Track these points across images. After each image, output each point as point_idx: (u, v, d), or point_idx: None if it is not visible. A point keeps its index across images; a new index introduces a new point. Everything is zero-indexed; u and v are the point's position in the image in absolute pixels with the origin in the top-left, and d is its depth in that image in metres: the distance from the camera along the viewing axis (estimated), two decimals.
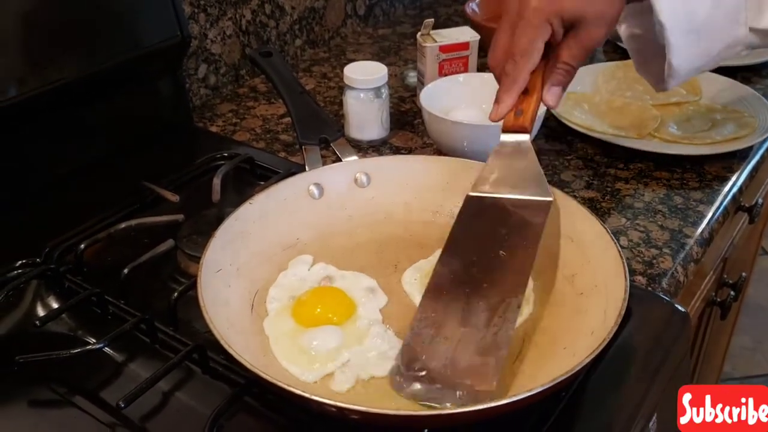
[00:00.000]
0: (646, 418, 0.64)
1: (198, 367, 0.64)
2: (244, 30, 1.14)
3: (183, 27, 0.93)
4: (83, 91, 0.86)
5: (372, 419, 0.51)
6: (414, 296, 0.67)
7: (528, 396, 0.50)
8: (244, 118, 1.07)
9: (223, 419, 0.58)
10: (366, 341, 0.62)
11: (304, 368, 0.60)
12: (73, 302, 0.69)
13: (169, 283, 0.74)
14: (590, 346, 0.54)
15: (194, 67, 1.08)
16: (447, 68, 1.04)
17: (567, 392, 0.61)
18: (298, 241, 0.73)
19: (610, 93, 1.07)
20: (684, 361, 0.71)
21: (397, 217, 0.76)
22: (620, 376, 0.64)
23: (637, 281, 0.74)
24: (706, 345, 1.32)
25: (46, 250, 0.76)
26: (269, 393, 0.60)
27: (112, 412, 0.61)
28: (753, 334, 2.09)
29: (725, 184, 0.90)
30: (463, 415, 0.50)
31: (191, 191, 0.87)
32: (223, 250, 0.65)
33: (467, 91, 0.97)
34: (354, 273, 0.70)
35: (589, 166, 0.93)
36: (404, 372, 0.57)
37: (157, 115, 0.99)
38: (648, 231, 0.82)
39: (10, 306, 0.71)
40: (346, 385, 0.59)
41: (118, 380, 0.65)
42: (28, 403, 0.63)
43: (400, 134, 1.02)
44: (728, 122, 0.99)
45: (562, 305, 0.65)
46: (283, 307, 0.65)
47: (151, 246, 0.74)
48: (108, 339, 0.64)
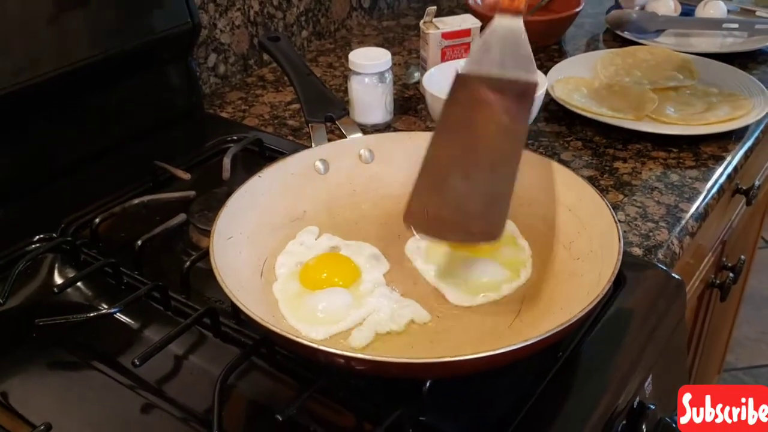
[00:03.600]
0: (641, 379, 0.66)
1: (209, 331, 0.67)
2: (253, 21, 1.17)
3: (193, 14, 0.96)
4: (97, 75, 0.89)
5: (377, 368, 0.53)
6: (417, 262, 0.70)
7: (525, 345, 0.52)
8: (252, 105, 1.10)
9: (233, 378, 0.61)
10: (373, 301, 0.64)
11: (312, 326, 0.62)
12: (89, 270, 0.72)
13: (181, 256, 0.77)
14: (585, 305, 0.57)
15: (204, 57, 1.11)
16: (449, 55, 1.07)
17: (564, 353, 0.63)
18: (305, 213, 0.75)
19: (609, 78, 1.09)
20: (680, 327, 0.73)
21: (400, 191, 0.78)
22: (616, 339, 0.67)
23: (634, 252, 0.77)
24: (708, 330, 1.34)
25: (62, 225, 0.79)
26: (278, 353, 0.63)
27: (128, 374, 0.64)
28: (757, 325, 2.10)
29: (721, 163, 0.92)
30: (464, 363, 0.52)
31: (202, 171, 0.90)
32: (233, 219, 0.68)
33: None
34: (358, 242, 0.72)
35: (588, 147, 0.96)
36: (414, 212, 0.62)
37: (170, 100, 1.02)
38: (645, 206, 0.84)
39: (28, 277, 0.74)
40: (365, 342, 0.62)
41: (134, 345, 0.68)
42: (47, 366, 0.66)
43: (403, 119, 1.04)
44: (724, 104, 1.01)
45: (559, 270, 0.68)
46: (291, 272, 0.68)
47: (164, 222, 0.77)
48: (123, 304, 0.67)
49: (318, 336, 0.62)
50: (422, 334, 0.63)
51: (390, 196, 0.78)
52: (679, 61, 1.13)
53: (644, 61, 1.14)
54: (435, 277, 0.68)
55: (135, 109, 0.96)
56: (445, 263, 0.69)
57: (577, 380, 0.63)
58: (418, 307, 0.64)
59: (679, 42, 1.25)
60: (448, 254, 0.70)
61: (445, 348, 0.61)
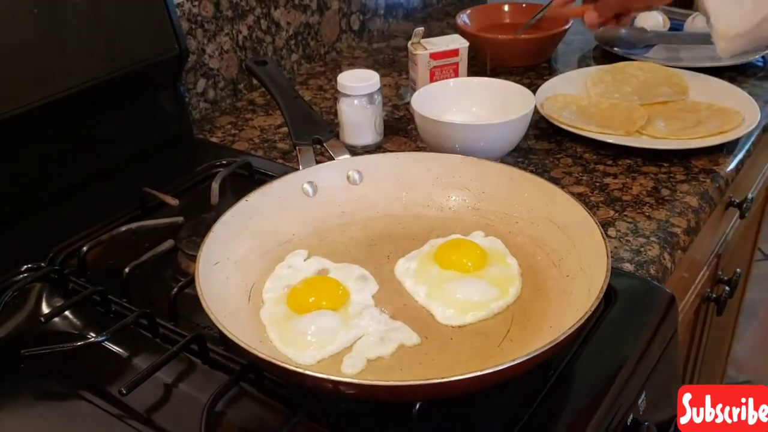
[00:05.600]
0: (635, 395, 0.65)
1: (198, 358, 0.66)
2: (241, 45, 1.17)
3: (181, 40, 0.96)
4: (85, 102, 0.89)
5: (366, 392, 0.53)
6: (406, 283, 0.70)
7: (514, 364, 0.52)
8: (242, 129, 1.10)
9: (222, 405, 0.60)
10: (362, 324, 0.64)
11: (300, 351, 0.61)
12: (76, 299, 0.71)
13: (169, 283, 0.76)
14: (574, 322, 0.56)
15: (193, 82, 1.11)
16: (438, 75, 1.07)
17: (555, 371, 0.63)
18: (293, 236, 0.75)
19: (599, 95, 1.10)
20: (672, 342, 0.72)
21: (389, 212, 0.79)
22: (608, 356, 0.66)
23: (625, 268, 0.76)
24: (706, 345, 1.33)
25: (50, 254, 0.79)
26: (266, 378, 0.62)
27: (116, 403, 0.63)
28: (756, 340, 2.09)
29: (712, 177, 0.92)
30: (453, 385, 0.51)
31: (191, 197, 0.90)
32: (220, 244, 0.68)
33: (458, 96, 1.00)
34: (347, 264, 0.72)
35: (578, 164, 0.95)
36: None
37: (159, 126, 1.02)
38: (636, 222, 0.84)
39: (15, 307, 0.73)
40: (356, 370, 0.61)
41: (122, 373, 0.67)
42: (35, 396, 0.65)
43: (393, 139, 1.04)
44: (714, 118, 1.01)
45: (549, 288, 0.67)
46: (279, 296, 0.67)
47: (152, 248, 0.76)
48: (110, 332, 0.66)
49: (307, 361, 0.61)
50: (411, 355, 0.62)
51: (379, 218, 0.78)
52: (669, 75, 1.13)
53: (634, 76, 1.14)
54: (424, 297, 0.68)
55: (124, 135, 0.96)
56: (434, 283, 0.69)
57: (569, 399, 0.62)
58: (408, 330, 0.64)
59: (668, 57, 1.25)
60: (438, 274, 0.69)
61: (435, 369, 0.60)
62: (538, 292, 0.67)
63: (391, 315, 0.66)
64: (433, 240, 0.74)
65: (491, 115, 0.96)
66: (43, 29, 0.83)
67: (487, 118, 0.95)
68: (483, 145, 0.90)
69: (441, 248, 0.72)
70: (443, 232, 0.76)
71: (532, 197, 0.74)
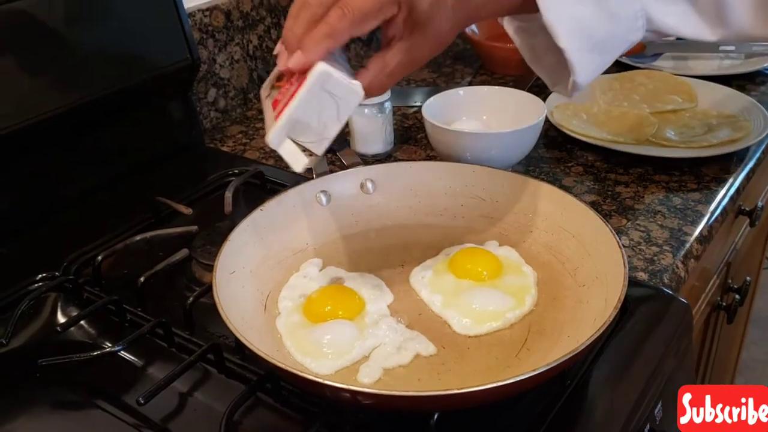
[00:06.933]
0: (651, 405, 0.65)
1: (214, 367, 0.66)
2: (252, 55, 1.18)
3: (193, 50, 0.97)
4: (97, 113, 0.89)
5: (384, 402, 0.53)
6: (422, 292, 0.70)
7: (533, 375, 0.52)
8: (253, 138, 1.10)
9: (239, 414, 0.60)
10: (378, 333, 0.64)
11: (317, 361, 0.62)
12: (91, 309, 0.71)
13: (184, 292, 0.76)
14: (593, 332, 0.56)
15: (204, 91, 1.11)
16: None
17: (572, 381, 0.63)
18: (307, 245, 0.75)
19: (608, 103, 1.10)
20: (687, 352, 0.72)
21: (403, 221, 0.79)
22: (624, 365, 0.66)
23: (639, 277, 0.76)
24: (716, 353, 1.33)
25: (65, 263, 0.79)
26: (283, 388, 0.62)
27: (132, 412, 0.63)
28: (765, 347, 2.09)
29: (723, 185, 0.92)
30: (472, 395, 0.51)
31: (204, 206, 0.90)
32: (236, 254, 0.68)
33: (468, 104, 1.00)
34: (362, 274, 0.72)
35: (589, 172, 0.96)
36: None
37: (171, 135, 1.02)
38: (648, 230, 0.84)
39: (31, 317, 0.74)
40: (373, 379, 0.61)
41: (138, 382, 0.67)
42: (51, 405, 0.65)
43: (404, 148, 1.04)
44: (724, 126, 1.01)
45: (565, 297, 0.67)
46: (295, 306, 0.68)
47: (166, 258, 0.77)
48: (126, 342, 0.66)
49: (324, 370, 0.61)
50: (428, 365, 0.62)
51: (392, 226, 0.79)
52: (678, 84, 1.13)
53: (642, 85, 1.14)
54: (440, 306, 0.68)
55: (136, 145, 0.96)
56: (450, 292, 0.69)
57: (586, 409, 0.62)
58: (424, 340, 0.64)
59: (676, 65, 1.25)
60: (453, 283, 0.70)
61: (452, 379, 0.60)
62: (554, 302, 0.67)
63: (407, 324, 0.66)
64: (447, 249, 0.75)
65: (501, 123, 0.97)
66: (57, 40, 0.83)
67: (498, 127, 0.95)
68: (494, 153, 0.90)
69: (456, 257, 0.72)
70: (457, 241, 0.76)
71: (546, 206, 0.74)
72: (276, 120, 0.59)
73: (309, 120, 0.59)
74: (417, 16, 0.58)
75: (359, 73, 0.60)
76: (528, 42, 0.74)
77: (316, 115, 0.59)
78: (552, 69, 0.72)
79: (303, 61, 0.57)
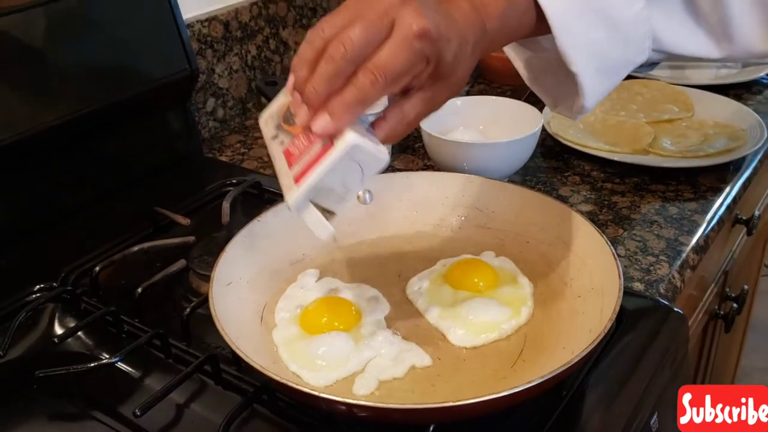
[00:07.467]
0: (647, 416, 0.66)
1: (211, 379, 0.66)
2: (250, 65, 1.18)
3: (191, 60, 0.97)
4: (96, 123, 0.90)
5: (379, 414, 0.53)
6: (418, 303, 0.70)
7: (529, 387, 0.52)
8: (251, 148, 1.11)
9: (235, 426, 0.60)
10: (374, 345, 0.64)
11: (313, 372, 0.62)
12: (89, 320, 0.71)
13: (181, 303, 0.76)
14: (588, 343, 0.57)
15: (203, 101, 1.12)
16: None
17: (568, 392, 0.63)
18: (304, 256, 0.76)
19: (604, 113, 1.10)
20: (684, 362, 0.72)
21: (400, 232, 0.79)
22: (620, 376, 0.66)
23: (635, 287, 0.76)
24: (714, 361, 1.33)
25: (63, 274, 0.79)
26: (280, 400, 0.62)
27: (129, 424, 0.63)
28: (764, 354, 2.09)
29: (719, 195, 0.92)
30: (468, 408, 0.52)
31: (202, 215, 0.90)
32: (233, 265, 0.68)
33: (465, 114, 1.00)
34: (358, 284, 0.72)
35: (585, 182, 0.96)
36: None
37: (169, 145, 1.02)
38: (645, 240, 0.84)
39: (28, 328, 0.74)
40: (368, 390, 0.61)
41: (135, 394, 0.67)
42: (48, 417, 0.65)
43: (402, 157, 1.05)
44: (720, 136, 1.01)
45: (561, 308, 0.68)
46: (291, 317, 0.68)
47: (164, 268, 0.77)
48: (123, 353, 0.67)
49: (320, 382, 0.61)
50: (424, 377, 0.62)
51: (389, 237, 0.79)
52: (674, 93, 1.14)
53: (639, 94, 1.15)
54: (437, 317, 0.68)
55: (134, 155, 0.97)
56: (447, 303, 0.69)
57: (582, 420, 0.62)
58: (420, 351, 0.64)
59: (673, 74, 1.26)
60: (449, 294, 0.70)
61: (448, 391, 0.60)
62: (550, 313, 0.68)
63: (403, 336, 0.66)
64: (444, 259, 0.75)
65: (499, 133, 0.97)
66: (56, 50, 0.84)
67: (495, 137, 0.96)
68: (492, 163, 0.91)
69: (452, 268, 0.72)
70: (454, 252, 0.76)
71: (542, 217, 0.74)
72: (297, 184, 0.57)
73: (333, 186, 0.57)
74: (443, 69, 0.55)
75: (377, 124, 0.57)
76: (529, 62, 0.73)
77: (340, 181, 0.57)
78: (553, 89, 0.71)
79: (333, 127, 0.53)
